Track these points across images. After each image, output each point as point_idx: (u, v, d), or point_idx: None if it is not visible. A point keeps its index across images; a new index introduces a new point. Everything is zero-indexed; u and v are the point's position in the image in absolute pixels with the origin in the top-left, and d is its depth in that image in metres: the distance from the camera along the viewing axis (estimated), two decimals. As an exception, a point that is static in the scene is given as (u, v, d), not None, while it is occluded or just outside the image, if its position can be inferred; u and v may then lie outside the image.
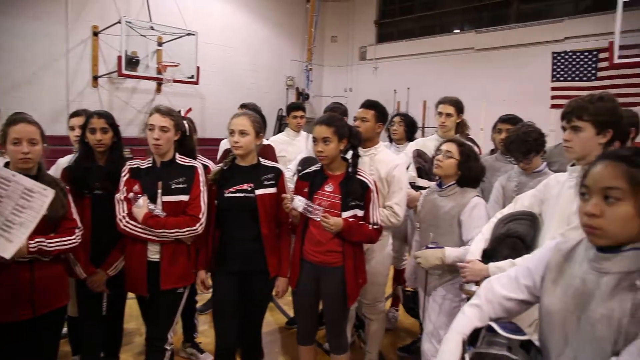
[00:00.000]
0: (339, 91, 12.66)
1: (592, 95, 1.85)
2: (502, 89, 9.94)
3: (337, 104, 3.81)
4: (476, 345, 1.32)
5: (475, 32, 11.00)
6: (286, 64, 12.45)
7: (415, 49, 11.87)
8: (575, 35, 9.35)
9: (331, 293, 2.55)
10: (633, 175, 1.12)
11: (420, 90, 10.88)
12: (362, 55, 13.21)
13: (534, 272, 1.35)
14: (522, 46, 10.07)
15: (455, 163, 2.53)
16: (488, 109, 8.09)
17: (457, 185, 2.57)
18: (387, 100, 11.38)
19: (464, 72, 10.79)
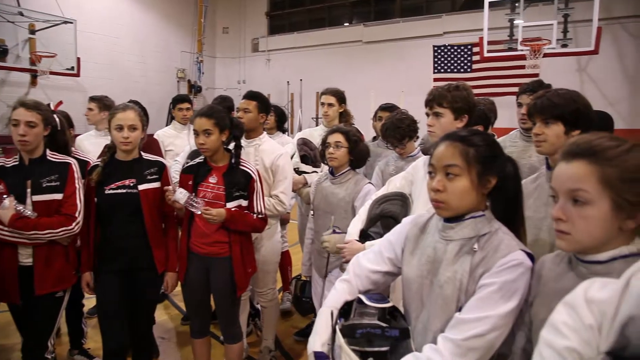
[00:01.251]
0: (232, 83, 12.53)
1: (449, 84, 2.04)
2: (390, 79, 10.47)
3: (224, 97, 3.80)
4: (349, 318, 1.43)
5: (363, 25, 11.47)
6: (176, 55, 12.04)
7: (307, 41, 12.10)
8: (452, 31, 10.13)
9: (220, 283, 2.56)
10: (468, 153, 1.28)
11: (312, 81, 11.11)
12: (255, 47, 13.17)
13: (395, 245, 1.48)
14: (406, 39, 10.70)
15: (346, 151, 2.66)
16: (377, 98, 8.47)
17: (350, 171, 2.71)
18: (280, 91, 11.49)
19: (354, 63, 11.21)
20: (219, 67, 13.42)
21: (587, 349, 0.73)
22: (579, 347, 0.73)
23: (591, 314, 0.74)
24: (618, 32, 8.46)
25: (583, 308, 0.76)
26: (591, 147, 1.04)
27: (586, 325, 0.74)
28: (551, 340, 0.77)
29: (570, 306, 0.78)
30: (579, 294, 0.79)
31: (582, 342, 0.73)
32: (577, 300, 0.78)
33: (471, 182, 1.27)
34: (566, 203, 1.05)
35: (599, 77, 8.59)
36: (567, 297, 0.81)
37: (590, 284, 0.81)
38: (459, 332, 1.19)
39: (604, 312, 0.73)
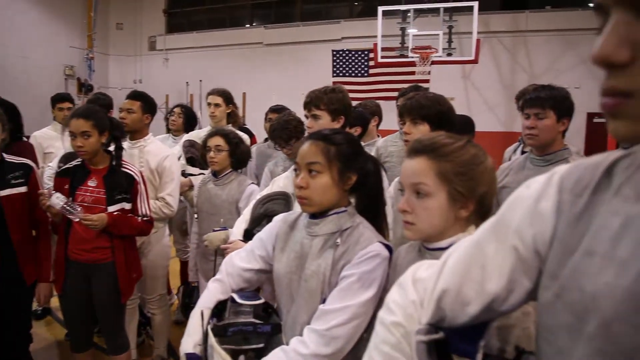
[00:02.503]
0: (128, 82, 11.92)
1: (326, 87, 2.14)
2: (291, 82, 10.58)
3: (101, 95, 3.63)
4: (224, 317, 1.44)
5: (264, 27, 11.49)
6: (63, 51, 11.19)
7: (207, 41, 11.87)
8: (350, 36, 10.47)
9: (102, 291, 2.44)
10: (329, 151, 1.35)
11: (213, 82, 10.72)
12: (152, 45, 12.65)
13: (266, 243, 1.52)
14: (307, 43, 10.90)
15: (227, 154, 2.66)
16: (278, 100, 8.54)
17: (232, 173, 2.72)
18: (180, 92, 11.16)
19: (256, 65, 11.19)
20: (112, 65, 12.69)
21: (410, 322, 0.81)
22: (404, 321, 0.81)
23: (415, 290, 0.82)
24: (495, 44, 9.32)
25: (409, 286, 0.84)
26: (431, 144, 1.15)
27: (410, 301, 0.82)
28: (382, 317, 0.85)
29: (400, 285, 0.86)
30: (408, 274, 0.87)
31: (406, 316, 0.81)
32: (406, 280, 0.86)
33: (332, 179, 1.35)
34: (410, 196, 1.16)
35: (480, 84, 9.38)
36: (399, 278, 0.89)
37: (419, 265, 0.89)
38: (322, 323, 1.26)
39: (426, 288, 0.81)
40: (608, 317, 0.54)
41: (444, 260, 0.82)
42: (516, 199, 0.74)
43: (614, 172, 0.62)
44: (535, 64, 9.13)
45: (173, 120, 3.92)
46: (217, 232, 2.54)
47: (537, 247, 0.69)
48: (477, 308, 0.74)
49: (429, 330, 0.79)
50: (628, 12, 0.46)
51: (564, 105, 1.93)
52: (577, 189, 0.65)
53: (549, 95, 1.93)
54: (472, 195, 1.13)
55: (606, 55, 0.47)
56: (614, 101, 0.48)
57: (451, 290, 0.77)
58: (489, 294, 0.73)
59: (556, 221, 0.67)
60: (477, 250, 0.75)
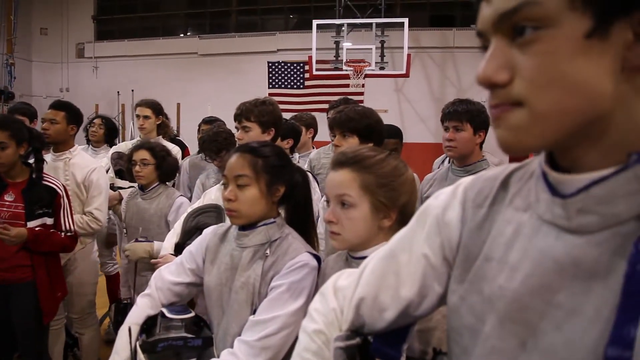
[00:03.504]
0: (54, 91, 11.31)
1: (257, 100, 2.16)
2: (227, 92, 10.46)
3: (23, 104, 3.45)
4: (154, 333, 1.41)
5: (199, 37, 11.34)
6: (-20, 56, 10.47)
7: (140, 50, 11.52)
8: (285, 48, 10.55)
9: (22, 312, 2.31)
10: (256, 164, 1.38)
11: (145, 92, 10.45)
12: (80, 52, 12.10)
13: (196, 256, 1.51)
14: (242, 54, 10.85)
15: (153, 168, 2.61)
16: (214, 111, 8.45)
17: (160, 186, 2.65)
18: (110, 101, 10.76)
19: (190, 75, 11.00)
20: (36, 72, 12.00)
21: (331, 330, 0.84)
22: (325, 328, 0.84)
23: (335, 299, 0.86)
24: (425, 59, 9.73)
25: (330, 295, 0.87)
26: (354, 157, 1.21)
27: (331, 309, 0.85)
28: (305, 325, 0.88)
29: (322, 294, 0.90)
30: (329, 283, 0.91)
31: (327, 323, 0.84)
32: (327, 289, 0.90)
33: (260, 191, 1.37)
34: (336, 207, 1.20)
35: (412, 97, 9.75)
36: (321, 287, 0.92)
37: (340, 274, 0.93)
38: (252, 334, 1.27)
39: (345, 295, 0.85)
40: (501, 317, 0.59)
41: (362, 269, 0.86)
42: (426, 209, 0.79)
43: (509, 184, 0.67)
44: (463, 79, 9.62)
45: (93, 132, 3.79)
46: (140, 242, 2.48)
47: (445, 254, 0.74)
48: (393, 313, 0.78)
49: (348, 336, 0.82)
50: (505, 38, 0.52)
51: (479, 118, 2.06)
52: (478, 200, 0.71)
53: (466, 109, 2.06)
54: (394, 205, 1.19)
55: (488, 77, 0.53)
56: (498, 110, 0.54)
57: (368, 298, 0.81)
58: (403, 300, 0.77)
59: (461, 230, 0.72)
60: (391, 259, 0.80)
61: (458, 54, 9.66)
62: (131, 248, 2.45)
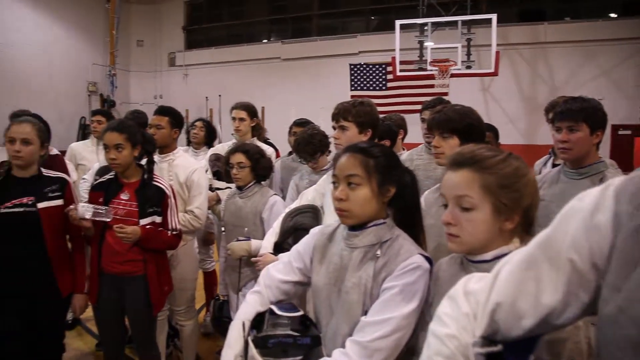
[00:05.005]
0: (149, 98, 12.13)
1: (355, 100, 2.16)
2: (309, 96, 10.67)
3: (138, 112, 3.70)
4: (262, 329, 1.45)
5: (282, 42, 11.63)
6: (87, 67, 11.47)
7: (226, 57, 12.05)
8: (367, 50, 10.54)
9: (135, 303, 2.47)
10: (368, 164, 1.37)
11: (232, 97, 10.88)
12: (172, 61, 12.88)
13: (304, 255, 1.53)
14: (324, 57, 10.99)
15: (249, 170, 2.71)
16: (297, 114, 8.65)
17: (255, 185, 2.75)
18: (199, 107, 11.31)
19: (273, 80, 11.32)
20: (133, 81, 12.95)
21: (464, 335, 0.81)
22: (458, 333, 0.82)
23: (467, 303, 0.83)
24: (514, 56, 9.29)
25: (461, 299, 0.84)
26: (473, 157, 1.16)
27: (463, 314, 0.82)
28: (435, 329, 0.86)
29: (451, 298, 0.87)
30: (459, 287, 0.88)
31: (460, 328, 0.82)
32: (456, 293, 0.87)
33: (372, 191, 1.36)
34: (454, 208, 1.16)
35: (500, 97, 9.35)
36: (450, 291, 0.90)
37: (469, 278, 0.90)
38: (365, 335, 1.26)
39: (478, 300, 0.82)
40: None
41: (496, 273, 0.82)
42: (569, 211, 0.74)
43: None
44: (556, 76, 9.07)
45: (195, 134, 4.00)
46: (240, 241, 2.57)
47: (595, 260, 0.69)
48: (532, 321, 0.75)
49: (485, 342, 0.79)
50: None
51: (596, 116, 1.91)
52: (636, 202, 0.65)
53: (581, 107, 1.90)
54: (517, 208, 1.13)
55: None
56: None
57: (505, 303, 0.77)
58: (545, 307, 0.73)
59: (614, 234, 0.67)
60: (530, 263, 0.76)
61: (550, 49, 9.13)
62: (231, 247, 2.54)
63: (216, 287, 4.08)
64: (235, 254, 2.55)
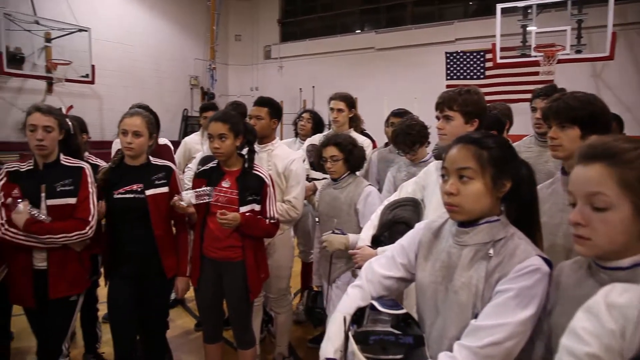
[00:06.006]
0: (245, 90, 12.59)
1: (461, 88, 2.03)
2: (403, 86, 10.44)
3: (238, 103, 3.81)
4: (362, 324, 1.41)
5: (375, 32, 11.49)
6: (190, 63, 12.17)
7: (319, 48, 12.15)
8: (464, 37, 10.08)
9: (233, 288, 2.56)
10: (481, 156, 1.26)
11: (325, 88, 11.10)
12: (267, 54, 13.26)
13: (408, 251, 1.46)
14: (418, 46, 10.69)
15: (342, 162, 2.68)
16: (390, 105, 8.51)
17: (350, 175, 2.73)
18: (293, 98, 11.53)
19: (367, 70, 11.23)
20: (231, 74, 13.52)
21: (609, 355, 0.71)
22: (601, 352, 0.72)
23: (612, 319, 0.73)
24: (633, 37, 8.37)
25: (604, 313, 0.74)
26: (608, 149, 1.02)
27: (608, 331, 0.72)
28: (572, 346, 0.76)
29: (590, 312, 0.77)
30: (599, 299, 0.77)
31: (603, 347, 0.71)
32: (597, 306, 0.76)
33: (485, 186, 1.26)
34: (584, 207, 1.03)
35: (614, 83, 8.49)
36: (587, 302, 0.79)
37: (610, 289, 0.79)
38: (475, 340, 1.17)
39: (626, 316, 0.71)
40: None
41: None
42: None
43: None
44: (684, 58, 8.07)
45: (302, 125, 4.04)
46: (337, 235, 2.55)
47: None
48: None
49: None
50: None
51: None
52: None
53: None
54: None
55: None
56: None
57: None
58: None
59: None
60: None
61: (678, 28, 8.13)
62: (329, 239, 2.54)
63: (310, 276, 4.14)
64: (332, 246, 2.54)
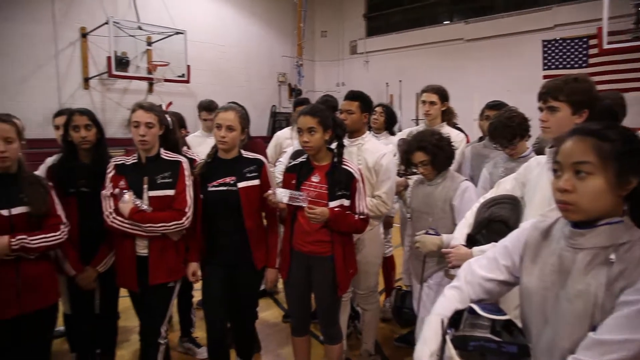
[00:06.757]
0: (331, 86, 12.67)
1: (567, 76, 1.85)
2: (494, 78, 9.96)
3: (329, 97, 3.80)
4: (459, 328, 1.33)
5: (465, 22, 11.04)
6: (277, 60, 12.47)
7: (406, 42, 11.91)
8: (565, 23, 9.37)
9: (322, 283, 2.56)
10: (602, 149, 1.12)
11: (412, 82, 10.88)
12: (353, 49, 13.23)
13: (513, 252, 1.35)
14: (512, 35, 10.11)
15: (431, 167, 2.57)
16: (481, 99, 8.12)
17: (444, 172, 2.60)
18: (379, 93, 11.41)
19: (455, 62, 10.82)
20: (318, 70, 13.66)
21: None
22: None
23: None
24: None
25: None
26: None
27: None
28: None
29: None
30: None
31: None
32: None
33: (607, 182, 1.11)
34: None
35: None
36: None
37: None
38: (595, 355, 1.05)
39: None
40: None
41: None
42: None
43: None
44: None
45: (375, 119, 4.00)
46: (430, 235, 2.46)
47: None
48: None
49: None
50: None
51: None
52: None
53: None
54: None
55: None
56: None
57: None
58: None
59: None
60: None
61: None
62: (422, 240, 2.45)
63: (394, 272, 4.06)
64: (425, 247, 2.45)
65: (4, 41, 7.93)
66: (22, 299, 2.17)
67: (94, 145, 2.60)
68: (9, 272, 2.14)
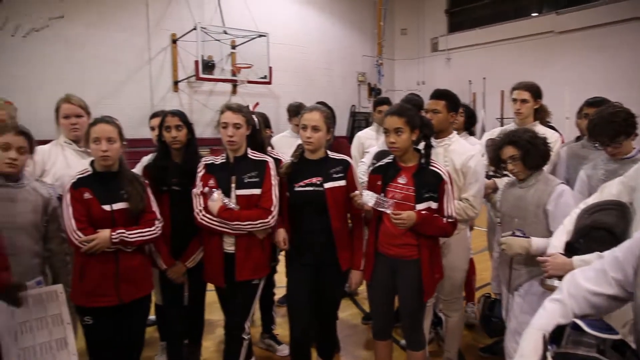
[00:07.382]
0: (412, 85, 12.45)
1: None
2: (588, 73, 9.29)
3: (414, 95, 3.72)
4: (560, 344, 1.24)
5: (556, 13, 10.36)
6: (357, 60, 12.47)
7: (490, 37, 11.43)
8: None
9: (407, 287, 2.51)
10: None
11: (496, 79, 10.45)
12: (434, 46, 12.91)
13: (625, 264, 1.24)
14: (611, 25, 9.34)
15: (521, 164, 2.41)
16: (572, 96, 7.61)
17: (536, 172, 2.45)
18: (462, 91, 11.05)
19: (545, 57, 10.24)
20: (397, 68, 13.49)
21: None
22: None
23: None
24: None
25: None
26: None
27: None
28: None
29: None
30: None
31: None
32: None
33: None
34: None
35: None
36: None
37: None
38: None
39: None
40: None
41: None
42: None
43: None
44: None
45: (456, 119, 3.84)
46: (518, 237, 2.33)
47: None
48: None
49: None
50: None
51: None
52: None
53: None
54: None
55: None
56: None
57: None
58: None
59: None
60: None
61: None
62: (508, 242, 2.33)
63: (474, 277, 3.91)
64: (511, 249, 2.33)
65: (104, 49, 8.60)
66: (121, 289, 2.33)
67: (185, 145, 2.73)
68: (109, 263, 2.31)
